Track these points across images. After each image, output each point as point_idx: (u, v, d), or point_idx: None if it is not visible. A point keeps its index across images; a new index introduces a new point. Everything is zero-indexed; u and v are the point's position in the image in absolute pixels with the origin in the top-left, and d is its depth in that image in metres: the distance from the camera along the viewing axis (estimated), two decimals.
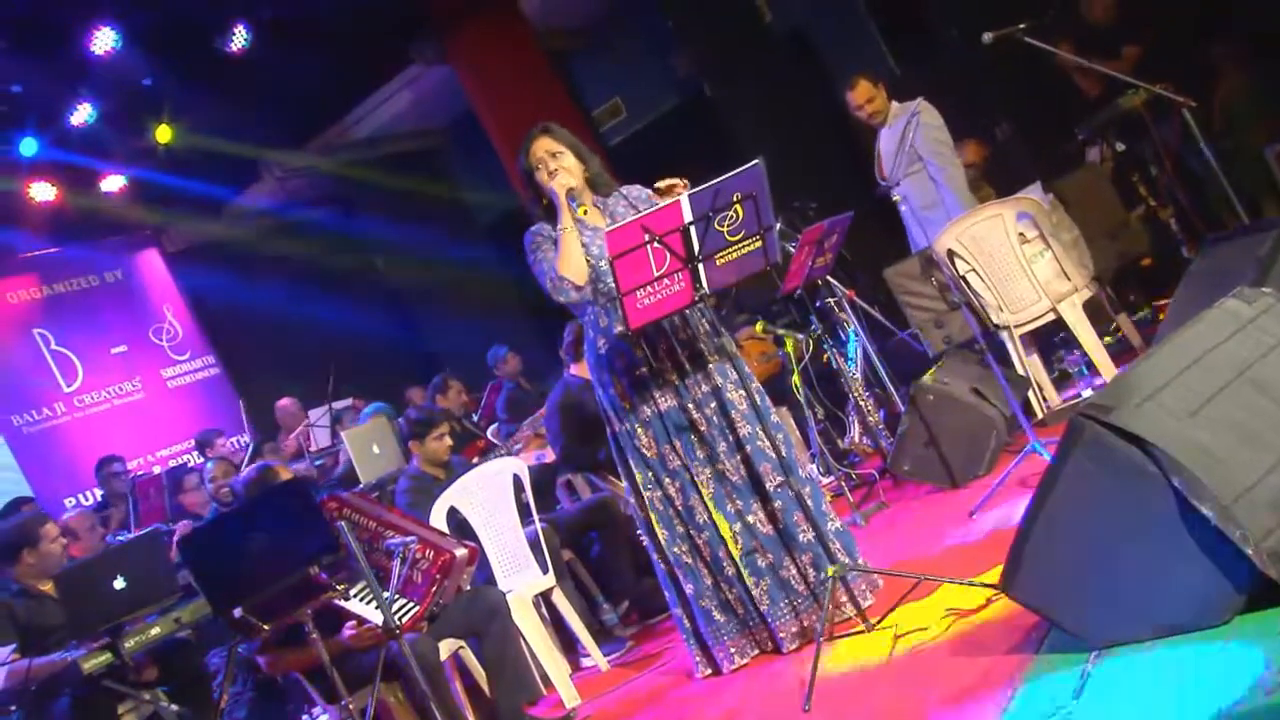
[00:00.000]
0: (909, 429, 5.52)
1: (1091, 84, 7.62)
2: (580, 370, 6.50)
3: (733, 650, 4.07)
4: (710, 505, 4.00)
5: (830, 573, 3.82)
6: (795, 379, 6.52)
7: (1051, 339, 6.59)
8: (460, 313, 12.04)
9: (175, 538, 6.26)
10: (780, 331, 7.04)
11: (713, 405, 4.02)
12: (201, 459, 9.42)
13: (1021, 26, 5.61)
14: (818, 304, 6.54)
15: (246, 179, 11.70)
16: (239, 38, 9.42)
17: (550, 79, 10.98)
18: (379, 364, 11.58)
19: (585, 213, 4.07)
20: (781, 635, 3.97)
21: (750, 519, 3.97)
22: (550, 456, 6.87)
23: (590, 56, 12.36)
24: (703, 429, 4.01)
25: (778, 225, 4.23)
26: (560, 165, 4.13)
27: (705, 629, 4.09)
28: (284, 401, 9.71)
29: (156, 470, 9.10)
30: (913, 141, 6.49)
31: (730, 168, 3.72)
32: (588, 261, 4.05)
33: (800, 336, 6.64)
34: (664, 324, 4.03)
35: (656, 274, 3.72)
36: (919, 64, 9.38)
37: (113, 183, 10.48)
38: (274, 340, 11.29)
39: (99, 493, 9.09)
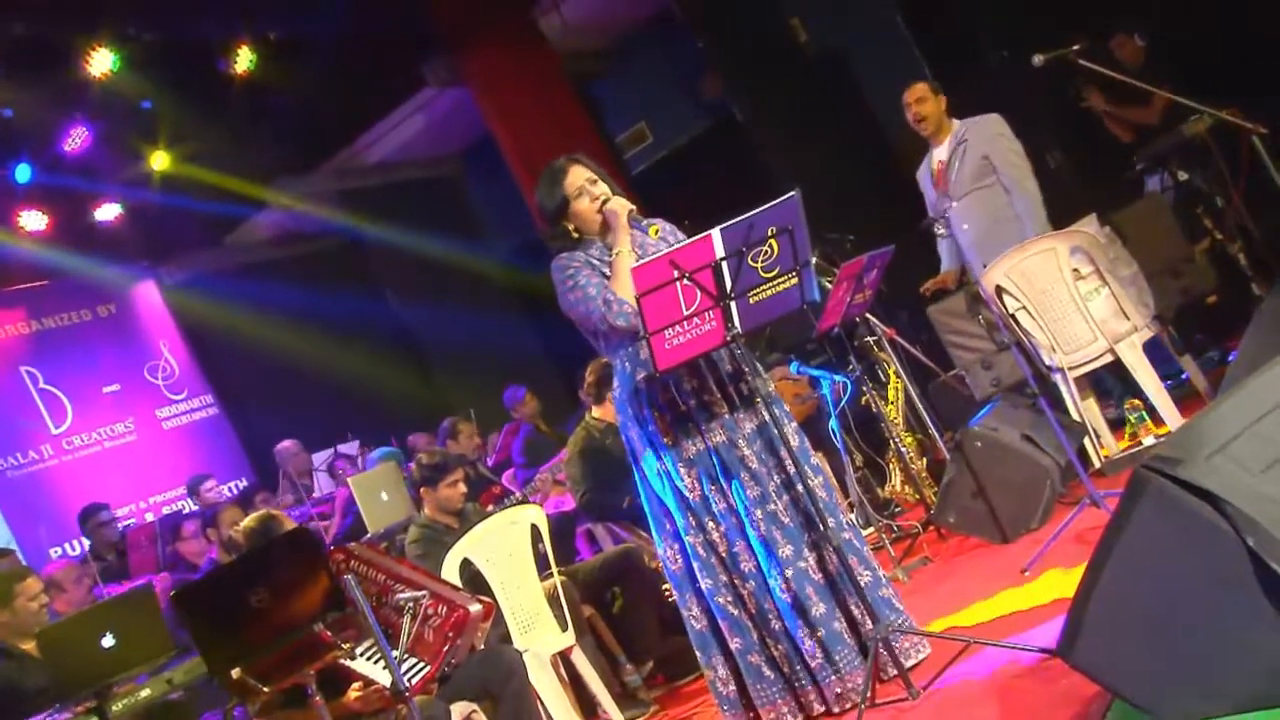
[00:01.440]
0: (955, 478, 5.48)
1: (1124, 130, 7.65)
2: (603, 413, 6.51)
3: (785, 710, 4.01)
4: (759, 551, 3.96)
5: (876, 632, 3.78)
6: (833, 423, 6.52)
7: (1108, 382, 6.54)
8: (475, 349, 12.05)
9: (162, 590, 6.25)
10: (816, 372, 7.03)
11: (760, 442, 4.02)
12: (195, 505, 9.43)
13: (1075, 48, 5.61)
14: (856, 343, 6.53)
15: (249, 207, 11.77)
16: (243, 59, 9.52)
17: (571, 103, 11.05)
18: (387, 404, 11.60)
19: (657, 232, 4.12)
20: (827, 695, 3.92)
21: (802, 564, 3.94)
22: (570, 504, 6.84)
23: (614, 79, 12.42)
24: (753, 466, 3.99)
25: (814, 260, 4.22)
26: (603, 193, 4.19)
27: (753, 688, 4.03)
28: (285, 444, 9.72)
29: (149, 518, 9.10)
30: (985, 154, 6.45)
31: (763, 198, 3.72)
32: None
33: (837, 377, 6.63)
34: (713, 355, 4.04)
35: (686, 313, 3.73)
36: (965, 88, 9.36)
37: (108, 211, 10.55)
38: (276, 378, 11.32)
39: (88, 541, 9.10)
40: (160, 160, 10.09)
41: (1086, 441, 5.82)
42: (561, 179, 4.22)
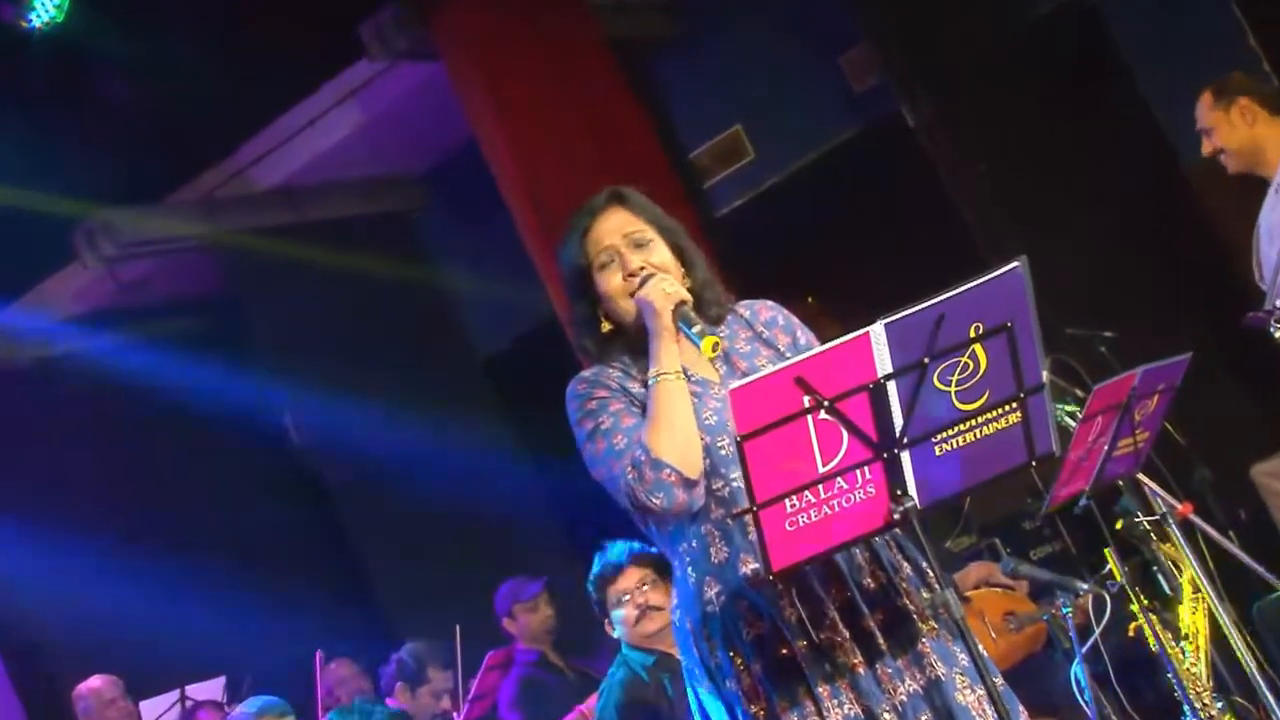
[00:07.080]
0: None
1: None
2: (652, 638, 6.50)
3: None
4: None
5: None
6: (1076, 668, 6.45)
7: None
8: (432, 513, 12.02)
9: None
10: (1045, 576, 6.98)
11: (927, 714, 3.98)
12: None
13: None
14: (1119, 525, 6.45)
15: (48, 261, 11.87)
16: (45, 7, 9.63)
17: (618, 92, 11.13)
18: (280, 608, 11.55)
19: (716, 347, 4.04)
20: None
21: None
22: None
23: (689, 53, 12.54)
24: None
25: (1047, 378, 4.15)
26: (650, 261, 4.14)
27: None
28: (94, 683, 9.79)
29: None
30: None
31: (952, 266, 3.68)
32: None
33: (1084, 587, 6.56)
34: (839, 561, 4.01)
35: (823, 470, 3.67)
36: None
37: None
38: (78, 558, 11.29)
39: None
40: None
41: None
42: (582, 230, 4.24)
